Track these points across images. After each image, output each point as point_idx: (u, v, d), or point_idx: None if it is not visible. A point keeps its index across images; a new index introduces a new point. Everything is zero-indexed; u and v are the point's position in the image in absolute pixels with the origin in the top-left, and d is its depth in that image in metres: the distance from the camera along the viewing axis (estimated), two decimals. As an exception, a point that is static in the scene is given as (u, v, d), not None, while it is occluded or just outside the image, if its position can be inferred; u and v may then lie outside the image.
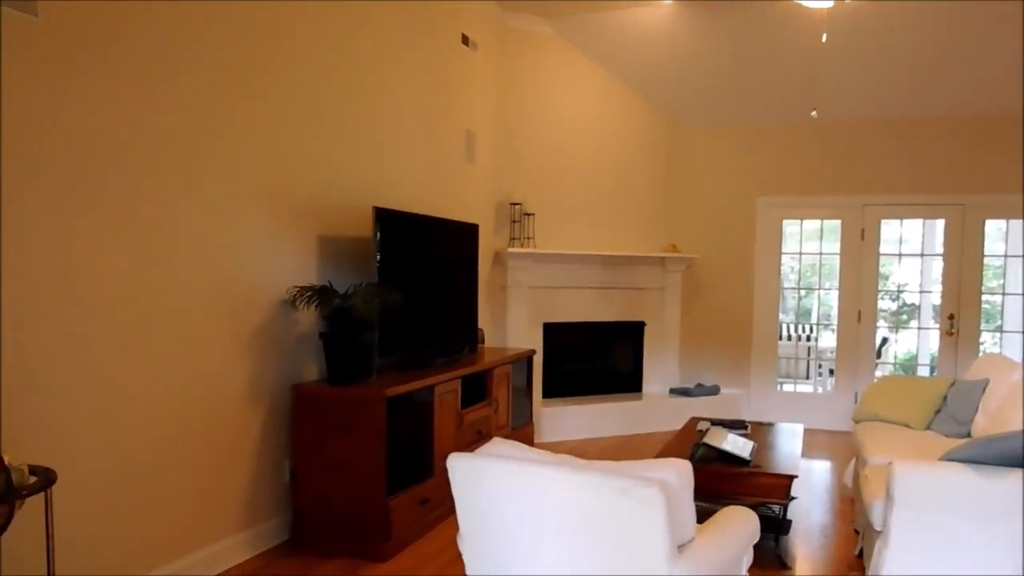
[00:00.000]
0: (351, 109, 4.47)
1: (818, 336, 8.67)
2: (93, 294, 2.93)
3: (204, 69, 3.41)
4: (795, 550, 4.01)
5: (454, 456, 2.30)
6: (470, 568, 2.41)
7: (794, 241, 7.60)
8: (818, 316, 8.19)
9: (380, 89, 4.74)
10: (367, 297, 3.93)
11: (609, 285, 6.99)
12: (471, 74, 5.99)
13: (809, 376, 8.73)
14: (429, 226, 4.86)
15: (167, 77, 3.22)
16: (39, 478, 2.31)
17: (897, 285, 8.16)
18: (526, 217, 6.49)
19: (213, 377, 3.53)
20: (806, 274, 7.91)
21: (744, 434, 4.42)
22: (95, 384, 2.94)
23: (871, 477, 3.37)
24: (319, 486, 3.87)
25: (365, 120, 4.61)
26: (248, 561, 3.72)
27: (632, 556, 2.07)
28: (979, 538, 2.66)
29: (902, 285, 8.13)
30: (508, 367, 5.43)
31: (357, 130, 4.53)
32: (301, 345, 4.11)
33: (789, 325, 8.82)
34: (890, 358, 8.03)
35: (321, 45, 4.18)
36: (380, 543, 3.77)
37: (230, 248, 3.61)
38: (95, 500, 2.96)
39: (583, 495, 2.09)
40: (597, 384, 7.20)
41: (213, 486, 3.56)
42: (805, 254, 7.66)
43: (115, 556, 3.05)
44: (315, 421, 3.87)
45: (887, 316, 8.07)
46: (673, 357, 7.43)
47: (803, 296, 8.04)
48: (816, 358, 8.64)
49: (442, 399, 4.36)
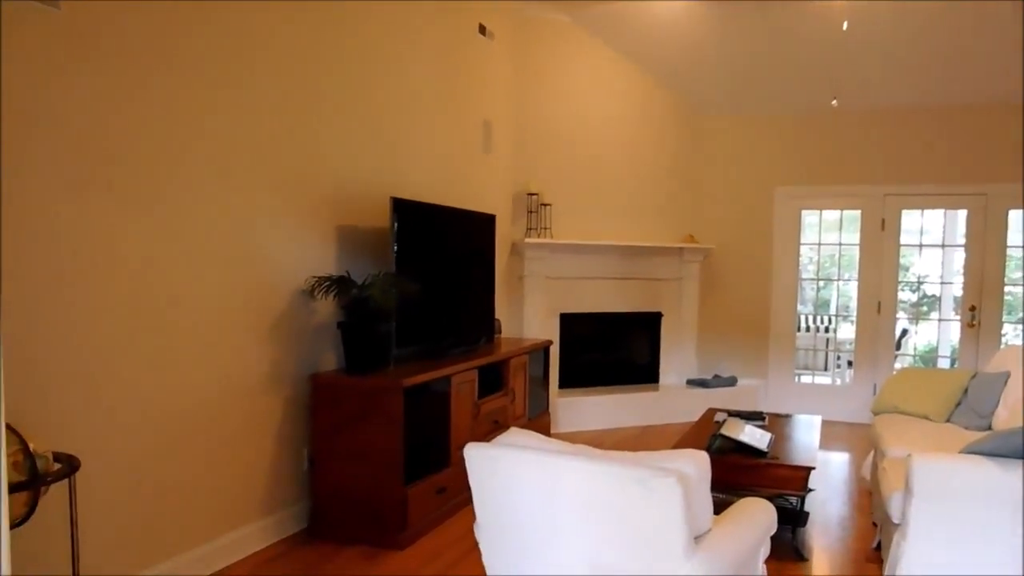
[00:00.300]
0: (369, 99, 4.47)
1: (836, 327, 8.60)
2: (115, 283, 2.96)
3: (224, 62, 3.43)
4: (812, 542, 4.00)
5: (471, 446, 2.31)
6: (487, 557, 2.42)
7: (813, 231, 7.53)
8: (837, 307, 8.12)
9: (397, 79, 4.75)
10: (385, 287, 3.95)
11: (626, 275, 6.97)
12: (488, 64, 5.98)
13: (827, 368, 8.67)
14: (446, 216, 4.87)
15: (187, 69, 3.24)
16: (63, 465, 2.34)
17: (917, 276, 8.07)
18: (543, 207, 6.48)
19: (233, 366, 3.56)
20: (825, 265, 7.84)
21: (761, 425, 4.41)
22: (116, 372, 2.98)
23: (890, 470, 3.35)
24: (337, 475, 3.90)
25: (383, 110, 4.61)
26: (267, 548, 3.76)
27: (649, 547, 2.07)
28: (1000, 532, 2.64)
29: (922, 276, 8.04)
30: (525, 357, 5.43)
31: (375, 120, 4.54)
32: (319, 335, 4.13)
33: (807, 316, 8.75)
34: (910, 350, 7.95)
35: (339, 37, 4.19)
36: (397, 531, 3.80)
37: (249, 237, 3.63)
38: (116, 487, 3.00)
39: (600, 485, 2.09)
40: (614, 375, 7.19)
41: (233, 474, 3.60)
42: (824, 245, 7.60)
43: (136, 542, 3.09)
44: (333, 410, 3.90)
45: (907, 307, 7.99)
46: (690, 348, 7.41)
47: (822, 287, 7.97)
48: (834, 349, 8.58)
49: (459, 389, 4.38)
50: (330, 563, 3.62)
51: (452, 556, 3.73)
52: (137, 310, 3.06)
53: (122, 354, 3.00)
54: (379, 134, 4.59)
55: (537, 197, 6.45)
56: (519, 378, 5.34)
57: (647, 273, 7.09)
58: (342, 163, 4.27)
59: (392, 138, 4.73)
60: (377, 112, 4.56)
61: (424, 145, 5.10)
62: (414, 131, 4.97)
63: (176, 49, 3.18)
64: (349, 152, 4.33)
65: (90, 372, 2.87)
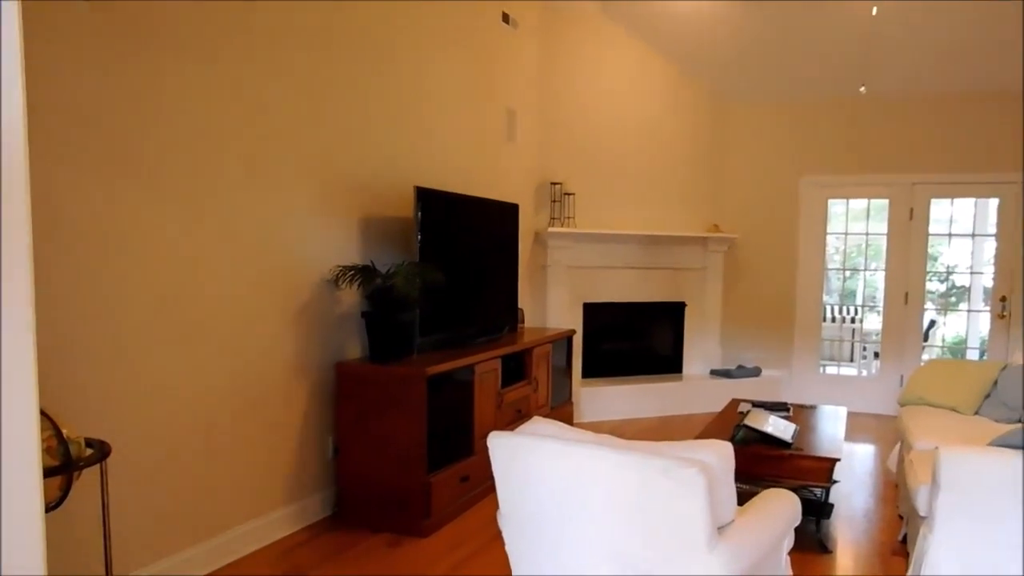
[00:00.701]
0: (393, 89, 4.48)
1: (863, 318, 8.50)
2: (144, 271, 3.00)
3: (251, 55, 3.45)
4: (837, 534, 3.97)
5: (494, 435, 2.32)
6: (510, 545, 2.44)
7: (839, 221, 7.44)
8: (863, 297, 8.03)
9: (421, 68, 4.75)
10: (408, 276, 3.97)
11: (650, 265, 6.94)
12: (512, 52, 5.96)
13: (853, 359, 8.58)
14: (470, 205, 4.87)
15: (216, 63, 3.26)
16: (95, 450, 2.38)
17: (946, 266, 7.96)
18: (567, 196, 6.47)
19: (259, 353, 3.60)
20: (851, 254, 7.76)
21: (786, 416, 4.38)
22: (146, 359, 3.02)
23: (917, 462, 3.31)
24: (361, 462, 3.94)
25: (407, 99, 4.62)
26: (293, 534, 3.81)
27: (672, 537, 2.07)
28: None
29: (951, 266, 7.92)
30: (548, 347, 5.44)
31: (399, 109, 4.55)
32: (344, 324, 4.17)
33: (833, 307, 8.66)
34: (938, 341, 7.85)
35: (364, 27, 4.20)
36: (421, 519, 3.83)
37: (275, 226, 3.66)
38: (146, 473, 3.06)
39: (623, 475, 2.09)
40: (637, 364, 7.18)
41: (259, 461, 3.65)
42: (851, 234, 7.51)
43: (164, 527, 3.15)
44: (357, 398, 3.93)
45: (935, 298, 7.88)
46: (714, 338, 7.37)
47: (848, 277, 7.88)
48: (861, 340, 8.49)
49: (482, 378, 4.39)
50: (355, 549, 3.66)
51: (475, 544, 3.75)
52: (166, 298, 3.10)
53: (152, 341, 3.04)
54: (403, 123, 4.60)
55: (561, 186, 6.43)
56: (542, 367, 5.34)
57: (671, 263, 7.05)
58: (366, 152, 4.29)
59: (416, 127, 4.73)
60: (402, 101, 4.57)
61: (448, 134, 5.10)
62: (438, 120, 4.98)
63: (204, 45, 3.20)
64: (373, 141, 4.34)
65: (118, 359, 2.91)
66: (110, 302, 2.87)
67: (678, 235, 6.96)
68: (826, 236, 7.32)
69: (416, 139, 4.75)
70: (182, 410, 3.20)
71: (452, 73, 5.12)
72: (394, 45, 4.48)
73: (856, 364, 8.45)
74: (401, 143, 4.60)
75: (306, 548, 3.66)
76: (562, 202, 6.46)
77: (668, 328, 7.27)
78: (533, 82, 6.35)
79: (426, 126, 4.85)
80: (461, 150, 5.29)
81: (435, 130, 4.95)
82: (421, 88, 4.77)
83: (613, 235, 6.63)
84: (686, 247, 7.10)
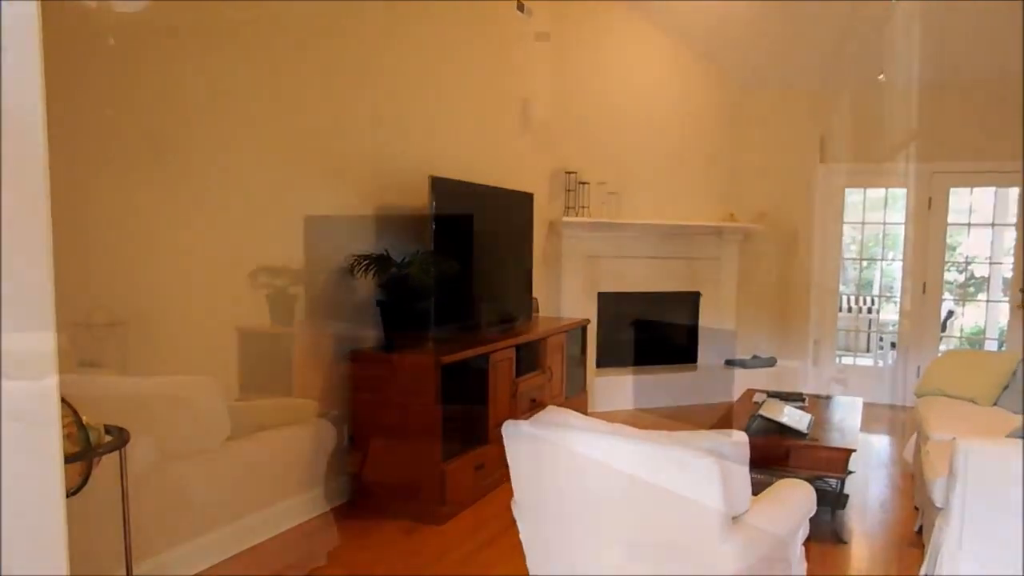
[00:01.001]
0: (407, 77, 4.48)
1: (880, 308, 8.44)
2: (160, 260, 3.02)
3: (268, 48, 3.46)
4: (852, 524, 3.96)
5: (509, 423, 2.33)
6: (524, 534, 2.45)
7: (856, 210, 7.38)
8: (880, 287, 7.96)
9: (435, 57, 4.74)
10: (423, 265, 3.97)
11: (664, 255, 6.90)
12: (526, 41, 5.93)
13: (870, 349, 8.52)
14: (484, 195, 4.87)
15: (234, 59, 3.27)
16: (114, 437, 2.41)
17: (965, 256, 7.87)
18: (581, 186, 6.44)
19: (275, 341, 3.62)
20: (868, 244, 7.69)
21: (801, 407, 4.36)
22: (161, 348, 3.05)
23: (933, 453, 3.30)
24: (376, 450, 3.96)
25: (421, 88, 4.61)
26: (309, 521, 3.84)
27: (687, 526, 2.07)
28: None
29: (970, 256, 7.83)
30: (562, 336, 5.43)
31: (413, 99, 4.54)
32: (359, 312, 4.18)
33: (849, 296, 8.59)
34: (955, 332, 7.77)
35: (376, 16, 4.19)
36: (436, 506, 3.85)
37: (291, 214, 3.68)
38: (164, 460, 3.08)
39: (638, 464, 2.10)
40: (651, 354, 7.15)
41: (276, 448, 3.67)
42: (868, 224, 7.44)
43: (181, 514, 3.18)
44: (372, 386, 3.95)
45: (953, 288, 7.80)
46: (729, 328, 7.33)
47: (865, 267, 7.82)
48: (877, 331, 8.42)
49: (497, 367, 4.40)
50: (371, 536, 3.68)
51: (490, 532, 3.77)
52: (182, 286, 3.12)
53: (168, 328, 3.07)
54: (417, 112, 4.60)
55: (575, 175, 6.41)
56: (556, 357, 5.35)
57: (685, 252, 7.01)
58: (381, 142, 4.29)
59: (431, 116, 4.73)
60: (416, 90, 4.56)
61: (462, 123, 5.10)
62: (452, 109, 4.97)
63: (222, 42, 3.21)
64: (387, 130, 4.34)
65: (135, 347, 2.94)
66: (124, 292, 2.90)
67: (693, 224, 6.92)
68: (843, 225, 7.26)
69: (432, 128, 4.74)
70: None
71: (467, 62, 5.11)
72: (409, 34, 4.47)
73: (872, 354, 8.39)
74: (416, 133, 4.59)
75: (322, 535, 3.69)
76: (577, 191, 6.44)
77: (683, 318, 7.24)
78: (548, 70, 6.31)
79: (441, 115, 4.84)
80: (476, 139, 5.28)
81: (450, 119, 4.94)
82: (436, 77, 4.76)
83: (628, 224, 6.60)
84: (701, 236, 7.05)
